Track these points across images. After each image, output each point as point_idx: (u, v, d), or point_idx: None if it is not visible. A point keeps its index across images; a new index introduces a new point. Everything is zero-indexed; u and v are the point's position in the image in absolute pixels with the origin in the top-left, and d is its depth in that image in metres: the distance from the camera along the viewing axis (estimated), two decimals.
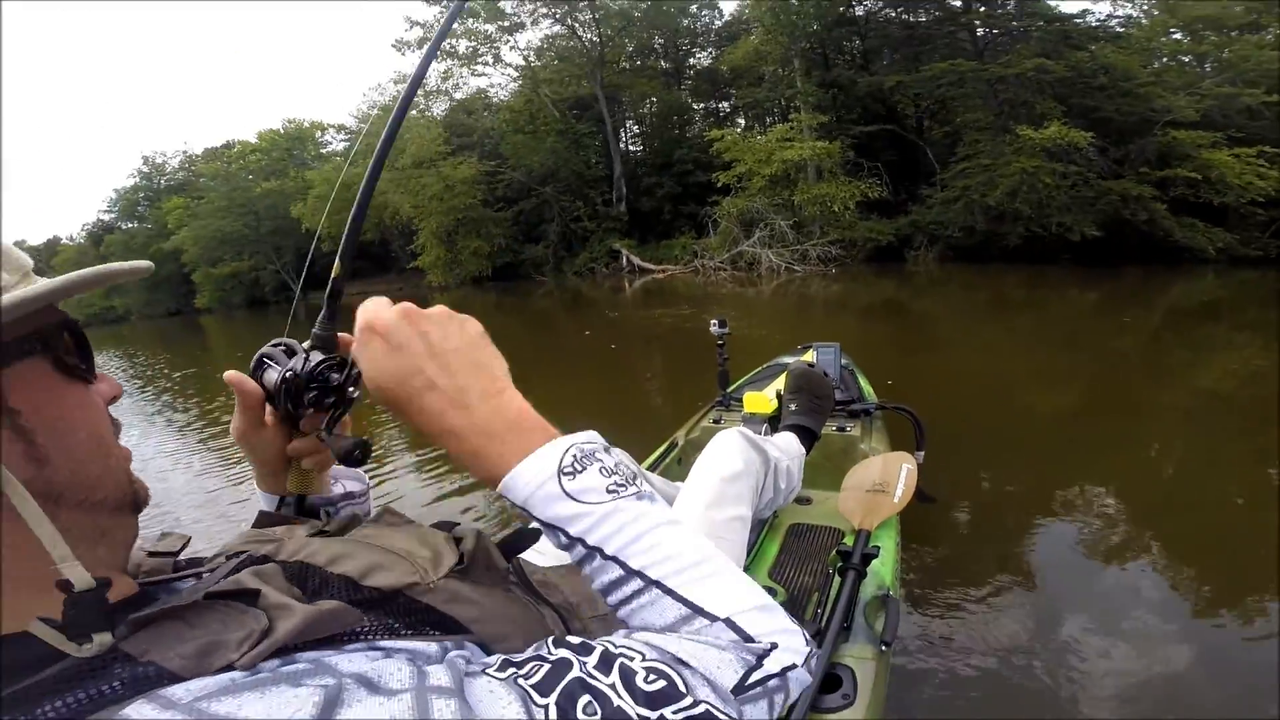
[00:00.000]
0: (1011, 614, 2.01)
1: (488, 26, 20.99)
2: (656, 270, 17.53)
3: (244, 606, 0.40)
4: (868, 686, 1.04)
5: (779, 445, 1.47)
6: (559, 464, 0.48)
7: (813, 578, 1.44)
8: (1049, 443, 3.49)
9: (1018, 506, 2.78)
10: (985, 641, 1.89)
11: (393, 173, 20.62)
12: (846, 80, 16.66)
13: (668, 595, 0.46)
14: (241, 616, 0.39)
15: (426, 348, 0.50)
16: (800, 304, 10.95)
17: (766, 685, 0.44)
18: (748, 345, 3.57)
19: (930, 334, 7.49)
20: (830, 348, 2.44)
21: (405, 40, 21.26)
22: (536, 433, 0.50)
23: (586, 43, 21.35)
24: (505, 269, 20.99)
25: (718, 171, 15.88)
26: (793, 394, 1.73)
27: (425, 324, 0.50)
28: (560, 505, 0.47)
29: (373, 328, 0.50)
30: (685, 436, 2.22)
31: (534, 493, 0.48)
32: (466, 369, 0.50)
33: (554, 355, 8.16)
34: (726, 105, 23.30)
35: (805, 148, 14.55)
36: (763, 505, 1.33)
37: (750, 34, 18.65)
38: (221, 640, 0.37)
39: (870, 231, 14.40)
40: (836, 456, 2.05)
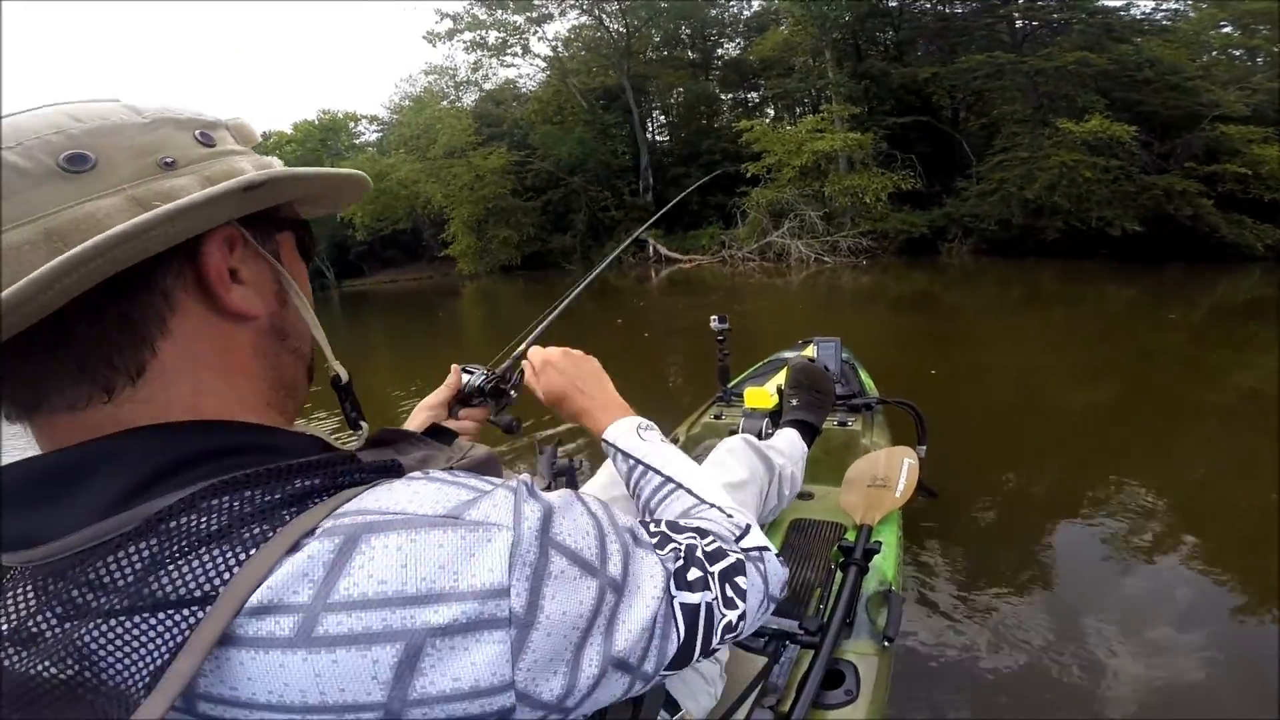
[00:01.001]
0: (1024, 611, 1.97)
1: (516, 18, 20.86)
2: (684, 260, 17.27)
3: (441, 445, 0.59)
4: (870, 683, 1.04)
5: (782, 450, 1.48)
6: (638, 425, 0.82)
7: (815, 573, 1.44)
8: (1079, 439, 3.39)
9: (1040, 503, 2.71)
10: (993, 639, 1.86)
11: (425, 162, 20.79)
12: (879, 71, 16.10)
13: (686, 492, 0.71)
14: (443, 448, 0.59)
15: (575, 370, 0.90)
16: (830, 295, 10.73)
17: (749, 553, 0.59)
18: (773, 336, 3.53)
19: (962, 327, 7.28)
20: (831, 342, 2.42)
21: (436, 32, 21.36)
22: (628, 412, 0.86)
23: (613, 33, 21.07)
24: (533, 258, 20.90)
25: (747, 162, 15.48)
26: (793, 389, 1.73)
27: (573, 360, 0.91)
28: (634, 441, 0.80)
29: (548, 361, 0.91)
30: (686, 433, 2.22)
31: (622, 434, 0.81)
32: (592, 380, 0.89)
33: (590, 345, 8.01)
34: (755, 96, 22.79)
35: (837, 139, 14.14)
36: (766, 512, 1.36)
37: (779, 25, 18.20)
38: (434, 455, 0.55)
39: (903, 223, 13.97)
40: (838, 451, 2.03)
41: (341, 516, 0.37)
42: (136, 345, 0.39)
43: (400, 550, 0.35)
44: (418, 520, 0.37)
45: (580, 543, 0.43)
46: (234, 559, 0.34)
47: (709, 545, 0.55)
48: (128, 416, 0.39)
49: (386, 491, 0.40)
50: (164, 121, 0.42)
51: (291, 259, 0.51)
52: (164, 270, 0.40)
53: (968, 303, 9.29)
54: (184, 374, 0.42)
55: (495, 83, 24.21)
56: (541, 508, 0.42)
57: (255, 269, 0.46)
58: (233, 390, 0.44)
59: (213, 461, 0.39)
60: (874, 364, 2.59)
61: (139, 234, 0.35)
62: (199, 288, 0.42)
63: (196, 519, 0.34)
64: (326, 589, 0.33)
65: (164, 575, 0.33)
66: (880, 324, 7.77)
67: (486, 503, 0.40)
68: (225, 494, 0.36)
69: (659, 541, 0.52)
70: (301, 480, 0.39)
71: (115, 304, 0.38)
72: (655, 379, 5.65)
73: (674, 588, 0.48)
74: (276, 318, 0.48)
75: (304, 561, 0.34)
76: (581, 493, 0.49)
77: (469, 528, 0.38)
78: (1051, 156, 11.99)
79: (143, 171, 0.39)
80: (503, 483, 0.43)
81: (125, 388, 0.39)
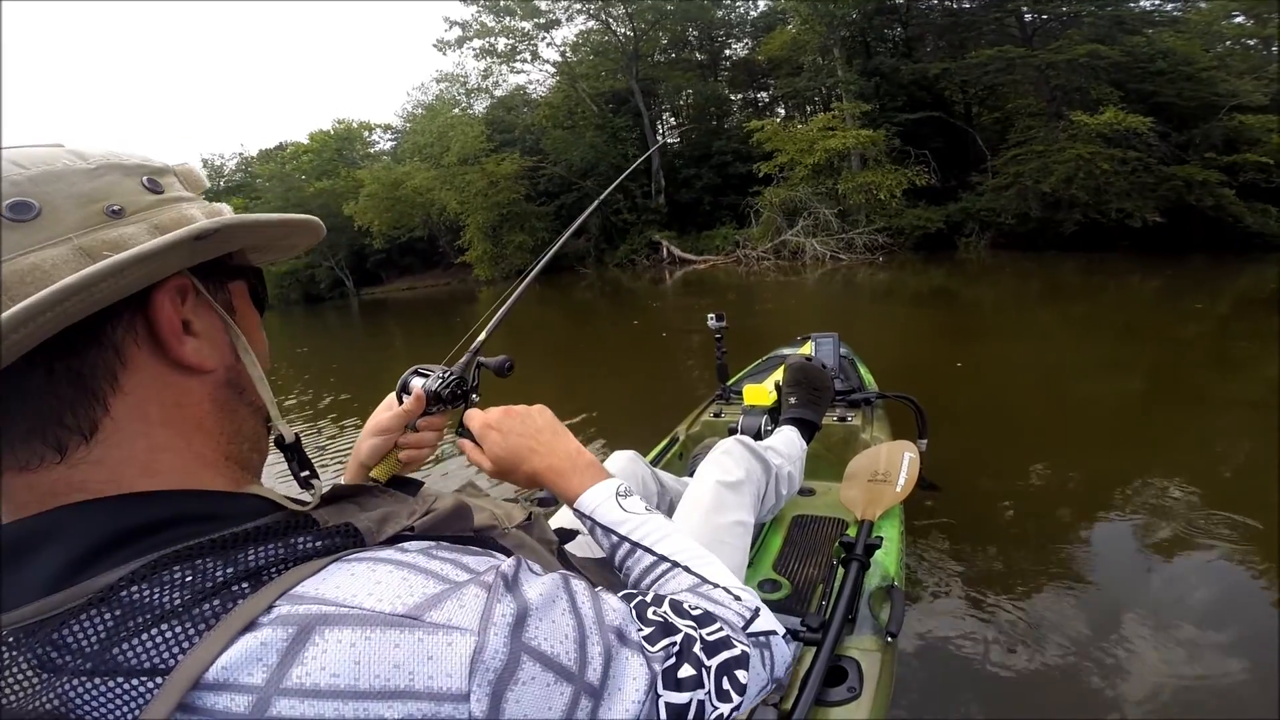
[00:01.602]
0: (1042, 607, 1.91)
1: (525, 24, 20.88)
2: (697, 261, 17.17)
3: (404, 495, 0.55)
4: (873, 679, 1.02)
5: (779, 450, 1.47)
6: (615, 490, 0.71)
7: (817, 569, 1.43)
8: (1102, 433, 3.29)
9: (1062, 497, 2.63)
10: (1001, 634, 1.81)
11: (439, 170, 20.91)
12: (889, 68, 15.87)
13: (685, 571, 0.63)
14: (406, 500, 0.53)
15: (525, 428, 0.76)
16: (847, 291, 10.64)
17: (759, 638, 0.56)
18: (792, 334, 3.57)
19: (982, 321, 7.18)
20: (829, 338, 2.42)
21: (445, 40, 21.43)
22: (600, 472, 0.74)
23: (620, 37, 21.02)
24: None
25: (758, 162, 15.37)
26: (791, 387, 1.72)
27: (518, 416, 0.77)
28: (615, 513, 0.69)
29: (489, 426, 0.76)
30: (686, 431, 2.22)
31: (599, 506, 0.70)
32: (549, 437, 0.76)
33: (612, 345, 8.04)
34: (765, 95, 22.66)
35: (849, 136, 13.97)
36: (764, 511, 1.35)
37: (787, 24, 18.04)
38: (395, 512, 0.49)
39: (918, 219, 13.74)
40: (838, 447, 2.02)
41: (297, 602, 0.35)
42: (88, 402, 0.38)
43: (354, 647, 0.34)
44: (373, 618, 0.35)
45: (557, 648, 0.40)
46: (191, 633, 0.34)
47: (712, 634, 0.51)
48: (80, 479, 0.38)
49: (348, 576, 0.38)
50: (110, 168, 0.41)
51: (245, 308, 0.50)
52: (114, 323, 0.39)
53: (987, 297, 9.16)
54: (138, 432, 0.41)
55: (506, 89, 24.25)
56: (516, 608, 0.39)
57: (208, 320, 0.45)
58: (190, 447, 0.43)
59: (159, 533, 0.38)
60: (895, 359, 2.57)
61: (87, 286, 0.34)
62: (151, 341, 0.41)
63: (150, 591, 0.34)
64: (280, 674, 0.33)
65: (125, 645, 0.33)
66: (900, 319, 7.70)
67: (452, 602, 0.37)
68: (177, 565, 0.36)
69: (653, 634, 0.47)
70: (255, 549, 0.38)
71: (64, 360, 0.37)
72: (675, 375, 5.64)
73: (661, 687, 0.45)
74: (233, 370, 0.47)
75: (257, 646, 0.33)
76: (573, 581, 0.46)
77: (428, 630, 0.35)
78: (1067, 149, 11.77)
79: (89, 220, 0.38)
80: (478, 576, 0.41)
81: (79, 447, 0.38)
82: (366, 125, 32.74)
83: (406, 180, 21.53)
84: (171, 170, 0.46)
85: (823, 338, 2.44)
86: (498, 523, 0.61)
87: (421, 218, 22.65)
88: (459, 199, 20.41)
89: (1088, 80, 12.70)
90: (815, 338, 2.47)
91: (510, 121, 23.51)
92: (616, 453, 1.31)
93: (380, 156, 29.42)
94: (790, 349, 2.80)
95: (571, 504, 0.72)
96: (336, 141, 31.29)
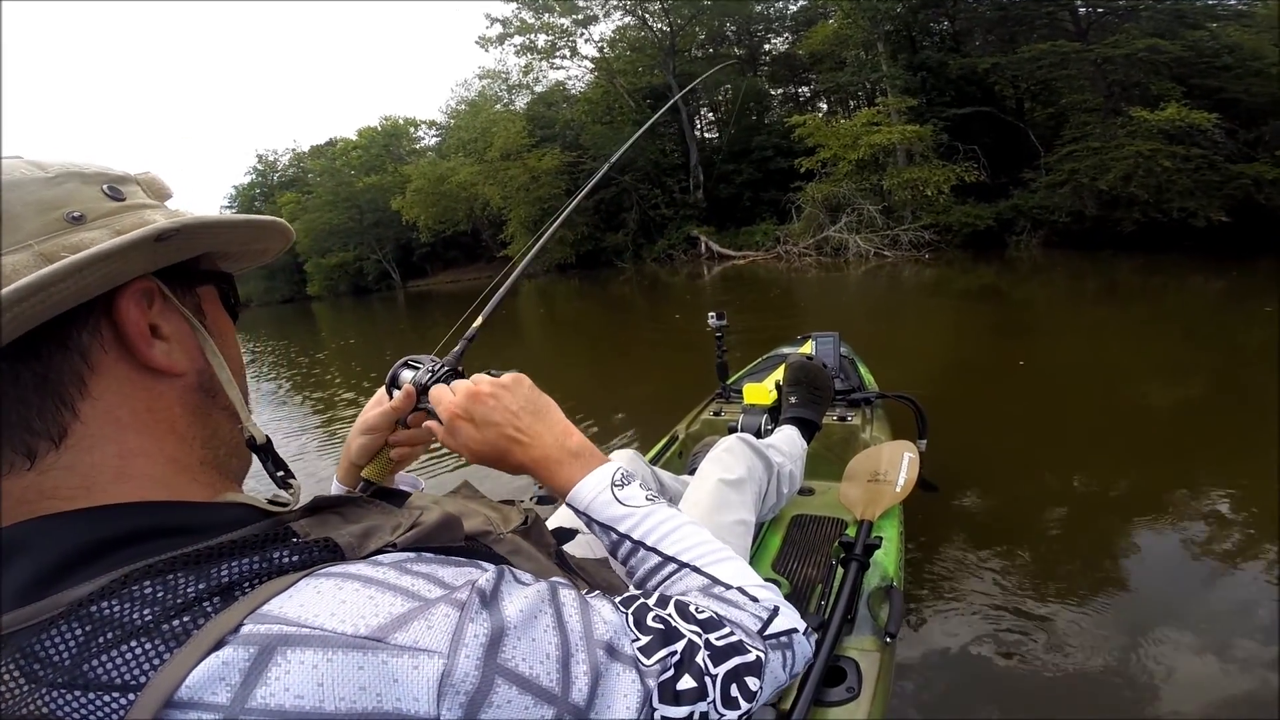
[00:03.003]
0: (1073, 618, 1.82)
1: (563, 20, 20.79)
2: (736, 256, 16.82)
3: (391, 507, 0.50)
4: (872, 679, 1.00)
5: (781, 449, 1.45)
6: (610, 479, 0.62)
7: (816, 569, 1.41)
8: (1157, 438, 3.08)
9: (1105, 504, 2.50)
10: (1028, 641, 1.75)
11: (483, 165, 21.10)
12: (936, 63, 15.20)
13: (695, 572, 0.57)
14: (393, 512, 0.49)
15: (502, 415, 0.63)
16: (892, 288, 10.28)
17: (779, 640, 0.52)
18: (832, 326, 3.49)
19: (1034, 320, 6.80)
20: (829, 337, 2.40)
21: (487, 37, 21.45)
22: (593, 458, 0.64)
23: (657, 33, 20.79)
24: (587, 256, 20.84)
25: (800, 157, 14.91)
26: (792, 387, 1.70)
27: (491, 398, 0.64)
28: (613, 508, 0.61)
29: (458, 417, 0.64)
30: (686, 430, 2.18)
31: (594, 500, 0.61)
32: (532, 419, 0.64)
33: (649, 337, 8.01)
34: (806, 90, 22.17)
35: (894, 132, 13.40)
36: (765, 510, 1.33)
37: (828, 19, 17.44)
38: (379, 526, 0.45)
39: (967, 216, 13.06)
40: (838, 447, 2.00)
41: (261, 621, 0.34)
42: (56, 407, 0.38)
43: (316, 669, 0.32)
44: (335, 639, 0.33)
45: (537, 669, 0.37)
46: (161, 650, 0.33)
47: (721, 639, 0.47)
48: (51, 485, 0.38)
49: (314, 594, 0.35)
50: (69, 176, 0.40)
51: (216, 313, 0.49)
52: (79, 327, 0.38)
53: (1040, 296, 8.69)
54: (109, 437, 0.40)
55: (546, 85, 24.22)
56: (491, 628, 0.36)
57: (178, 324, 0.44)
58: (163, 451, 0.42)
59: (130, 546, 0.37)
60: (945, 357, 2.49)
61: (45, 286, 0.34)
62: (118, 345, 0.40)
63: (120, 606, 0.33)
64: (244, 694, 0.32)
65: (95, 660, 0.32)
66: (950, 316, 7.40)
67: (420, 623, 0.35)
68: (147, 580, 0.34)
69: (650, 644, 0.44)
70: (229, 563, 0.37)
71: (29, 365, 0.37)
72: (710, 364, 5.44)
73: (657, 701, 0.42)
74: (204, 375, 0.46)
75: (219, 666, 0.32)
76: (561, 593, 0.43)
77: (392, 652, 0.33)
78: (1126, 146, 11.09)
79: (49, 227, 0.37)
80: (451, 593, 0.38)
81: (49, 453, 0.38)
82: (412, 121, 33.21)
83: (451, 175, 21.75)
84: (134, 179, 0.45)
85: (823, 337, 2.41)
86: (492, 528, 0.58)
87: (465, 212, 22.89)
88: (501, 193, 20.54)
89: (1147, 75, 11.98)
90: (815, 337, 2.44)
91: (550, 117, 23.52)
92: (616, 451, 1.27)
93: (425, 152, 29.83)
94: (790, 348, 2.76)
95: (563, 498, 0.64)
96: (384, 138, 31.82)
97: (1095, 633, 1.75)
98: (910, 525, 1.83)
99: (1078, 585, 1.97)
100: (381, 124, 32.50)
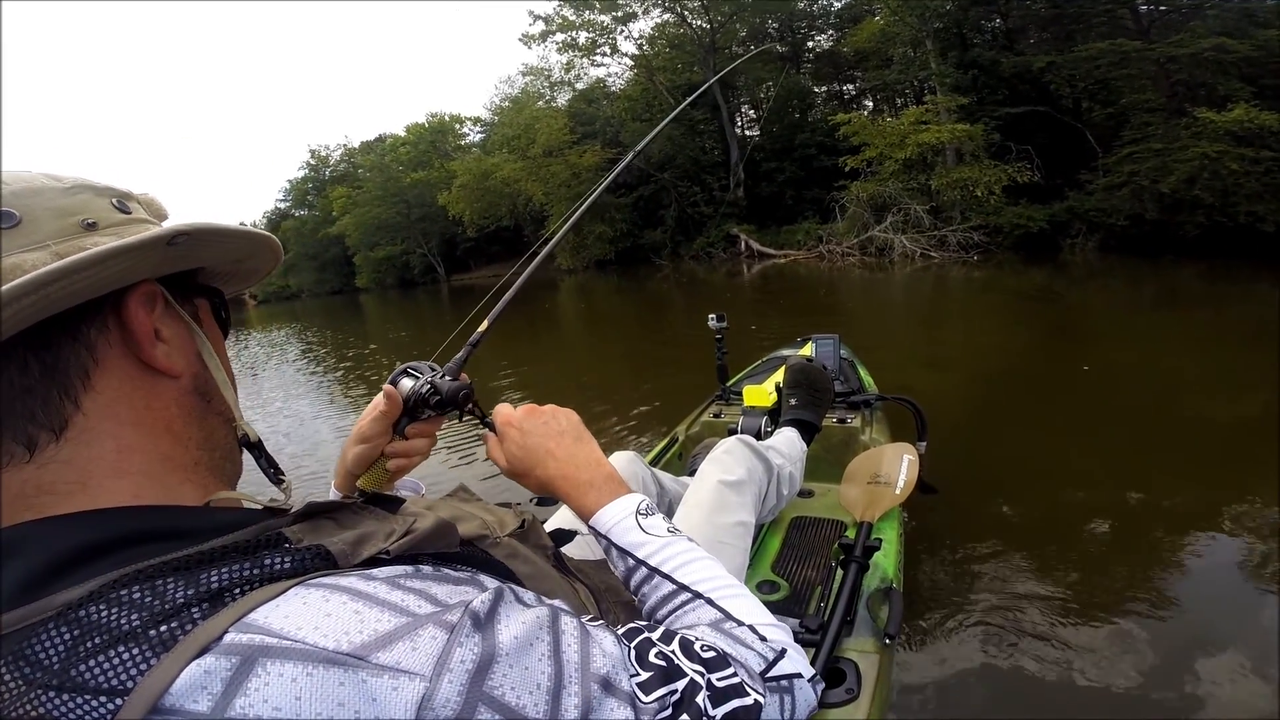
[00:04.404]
0: (1113, 632, 1.76)
1: (603, 18, 20.61)
2: (777, 255, 16.50)
3: (385, 513, 0.50)
4: (871, 681, 1.00)
5: (781, 450, 1.43)
6: (636, 508, 0.64)
7: (815, 571, 1.40)
8: (1212, 452, 2.89)
9: (1155, 516, 2.40)
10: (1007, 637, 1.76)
11: (525, 161, 21.18)
12: (988, 61, 14.58)
13: (708, 604, 0.57)
14: (387, 518, 0.48)
15: (546, 432, 0.69)
16: (938, 290, 9.96)
17: (780, 683, 0.50)
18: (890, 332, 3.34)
19: (1086, 326, 6.47)
20: (829, 339, 2.38)
21: (530, 34, 21.33)
22: (621, 487, 0.67)
23: (696, 30, 20.43)
24: (625, 253, 20.70)
25: (845, 155, 14.48)
26: (792, 389, 1.69)
27: (542, 416, 0.70)
28: (634, 534, 0.62)
29: (510, 423, 0.70)
30: (685, 432, 2.17)
31: (616, 524, 0.63)
32: (571, 444, 0.69)
33: (688, 338, 7.92)
34: (851, 88, 21.59)
35: (943, 130, 12.88)
36: (765, 512, 1.32)
37: (874, 16, 16.82)
38: (372, 532, 0.44)
39: (1019, 217, 12.44)
40: (837, 449, 1.99)
41: (245, 630, 0.33)
42: (60, 398, 0.39)
43: (295, 683, 0.32)
44: (316, 654, 0.33)
45: (524, 698, 0.36)
46: (149, 656, 0.33)
47: (723, 679, 0.46)
48: (49, 480, 0.38)
49: (300, 605, 0.35)
50: (83, 188, 0.42)
51: (209, 325, 0.50)
52: (88, 323, 0.40)
53: (1094, 301, 8.26)
54: (108, 431, 0.41)
55: (587, 82, 24.10)
56: (480, 653, 0.35)
57: (175, 329, 0.46)
58: (158, 449, 0.43)
59: (120, 551, 0.37)
60: (993, 361, 2.43)
61: (69, 274, 0.36)
62: (123, 343, 0.42)
63: (108, 611, 0.33)
64: (224, 703, 0.32)
65: (84, 664, 0.32)
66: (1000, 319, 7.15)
67: (405, 644, 0.34)
68: (136, 585, 0.35)
69: (650, 680, 0.42)
70: (218, 570, 0.36)
71: (39, 353, 0.38)
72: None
73: None
74: (199, 379, 0.47)
75: (201, 674, 0.32)
76: (562, 620, 0.42)
77: (372, 671, 0.33)
78: (1190, 147, 10.46)
79: (66, 230, 0.39)
80: (441, 613, 0.36)
81: (48, 445, 0.39)
82: (458, 118, 33.52)
83: (495, 171, 21.88)
84: (135, 197, 0.47)
85: (823, 339, 2.39)
86: (489, 531, 0.59)
87: (508, 208, 23.02)
88: (543, 189, 20.54)
89: (1214, 75, 11.29)
90: (815, 339, 2.42)
91: (591, 114, 23.44)
92: (616, 453, 1.25)
93: (470, 149, 30.11)
94: (790, 350, 2.74)
95: (586, 520, 0.66)
96: (431, 134, 32.22)
97: (1105, 641, 1.72)
98: (938, 528, 1.94)
99: (1118, 595, 1.92)
100: (429, 120, 32.90)
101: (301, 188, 40.75)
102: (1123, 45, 11.96)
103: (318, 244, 36.03)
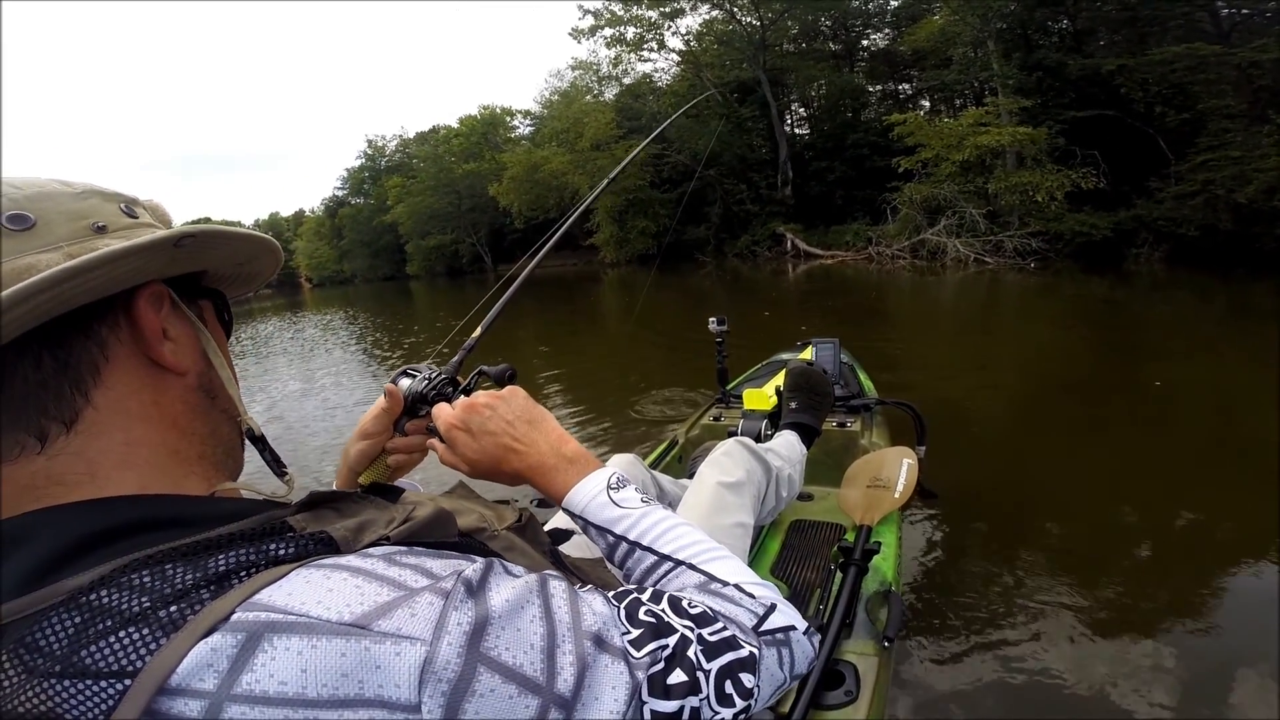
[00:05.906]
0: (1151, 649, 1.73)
1: (651, 13, 20.39)
2: (824, 255, 16.14)
3: (385, 502, 0.51)
4: (870, 683, 1.00)
5: (780, 453, 1.43)
6: (606, 483, 0.63)
7: (815, 573, 1.41)
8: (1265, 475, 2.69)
9: (1202, 536, 2.34)
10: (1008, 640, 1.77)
11: (574, 155, 21.21)
12: (1054, 63, 13.90)
13: (691, 569, 0.57)
14: (387, 507, 0.49)
15: (497, 424, 0.65)
16: (992, 296, 9.59)
17: (774, 636, 0.51)
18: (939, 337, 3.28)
19: (1146, 340, 6.13)
20: (829, 344, 2.37)
21: (579, 28, 21.29)
22: (589, 464, 0.65)
23: (745, 26, 20.04)
24: (669, 248, 20.55)
25: (899, 156, 14.04)
26: (792, 392, 1.68)
27: (486, 409, 0.66)
28: (609, 510, 0.61)
29: (454, 427, 0.66)
30: (685, 434, 2.16)
31: (590, 503, 0.62)
32: (527, 428, 0.65)
33: (753, 334, 7.80)
34: (907, 88, 20.89)
35: (1004, 133, 12.36)
36: (764, 513, 1.32)
37: (933, 14, 16.24)
38: (373, 520, 0.46)
39: (1081, 224, 11.82)
40: (837, 452, 1.99)
41: (250, 608, 0.34)
42: (71, 393, 0.40)
43: (300, 655, 0.32)
44: (320, 626, 0.33)
45: (521, 658, 0.37)
46: (158, 636, 0.33)
47: (714, 634, 0.46)
48: (59, 471, 0.39)
49: (303, 583, 0.35)
50: (93, 193, 0.44)
51: (213, 326, 0.52)
52: (99, 321, 0.41)
53: (1158, 314, 7.83)
54: (116, 425, 0.42)
55: (634, 77, 23.88)
56: (475, 617, 0.36)
57: (182, 328, 0.47)
58: (165, 443, 0.44)
59: (127, 538, 0.37)
60: (1047, 371, 2.38)
61: (83, 271, 0.36)
62: (133, 341, 0.43)
63: (116, 595, 0.34)
64: (230, 680, 0.32)
65: (91, 648, 0.32)
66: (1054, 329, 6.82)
67: (404, 611, 0.35)
68: (144, 570, 0.35)
69: (641, 636, 0.43)
70: (224, 555, 0.37)
71: (53, 351, 0.39)
72: None
73: (646, 694, 0.40)
74: (204, 377, 0.48)
75: (208, 653, 0.32)
76: (551, 584, 0.42)
77: (375, 639, 0.34)
78: (1272, 156, 9.87)
79: (78, 233, 0.41)
80: (437, 582, 0.38)
81: (59, 437, 0.39)
82: (509, 111, 33.80)
83: (544, 164, 22.00)
84: (141, 203, 0.48)
85: (823, 343, 2.38)
86: (487, 525, 0.59)
87: (556, 200, 23.14)
88: (590, 183, 20.58)
89: None
90: (816, 343, 2.41)
91: (637, 109, 23.25)
92: (615, 456, 1.26)
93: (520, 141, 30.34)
94: (790, 354, 2.72)
95: (559, 503, 0.65)
96: (483, 126, 32.57)
97: (1106, 645, 1.73)
98: (950, 534, 1.98)
99: (1148, 612, 1.91)
100: (480, 112, 33.26)
101: (358, 176, 41.75)
102: (1200, 49, 11.28)
103: (372, 231, 36.91)
